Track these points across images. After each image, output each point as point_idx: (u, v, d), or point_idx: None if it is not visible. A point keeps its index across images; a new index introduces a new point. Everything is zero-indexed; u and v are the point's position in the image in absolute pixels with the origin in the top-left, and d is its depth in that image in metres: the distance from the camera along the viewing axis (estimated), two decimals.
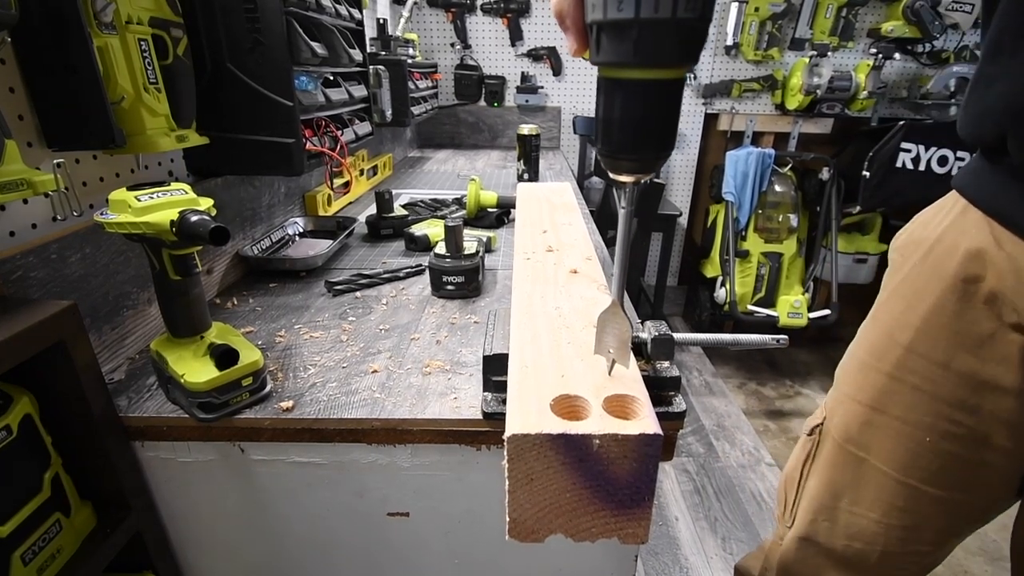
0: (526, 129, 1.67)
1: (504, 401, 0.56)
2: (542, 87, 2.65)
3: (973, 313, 0.54)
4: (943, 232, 0.58)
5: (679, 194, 2.92)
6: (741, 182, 2.40)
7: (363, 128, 1.29)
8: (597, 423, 0.38)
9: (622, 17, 0.30)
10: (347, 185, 1.48)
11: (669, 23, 0.29)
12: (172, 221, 0.53)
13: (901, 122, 2.17)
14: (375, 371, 0.68)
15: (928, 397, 0.57)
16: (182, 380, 0.56)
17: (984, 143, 0.55)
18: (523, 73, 2.63)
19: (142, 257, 0.67)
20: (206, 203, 0.58)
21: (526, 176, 1.71)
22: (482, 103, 2.69)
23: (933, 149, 2.15)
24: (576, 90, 2.71)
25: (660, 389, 0.54)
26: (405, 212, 1.25)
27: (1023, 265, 0.50)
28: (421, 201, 1.48)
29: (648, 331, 0.54)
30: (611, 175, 0.38)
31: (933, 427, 0.57)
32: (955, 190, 0.60)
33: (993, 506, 0.60)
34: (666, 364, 0.55)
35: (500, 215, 1.32)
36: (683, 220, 2.97)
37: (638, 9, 0.29)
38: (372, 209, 1.25)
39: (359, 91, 1.25)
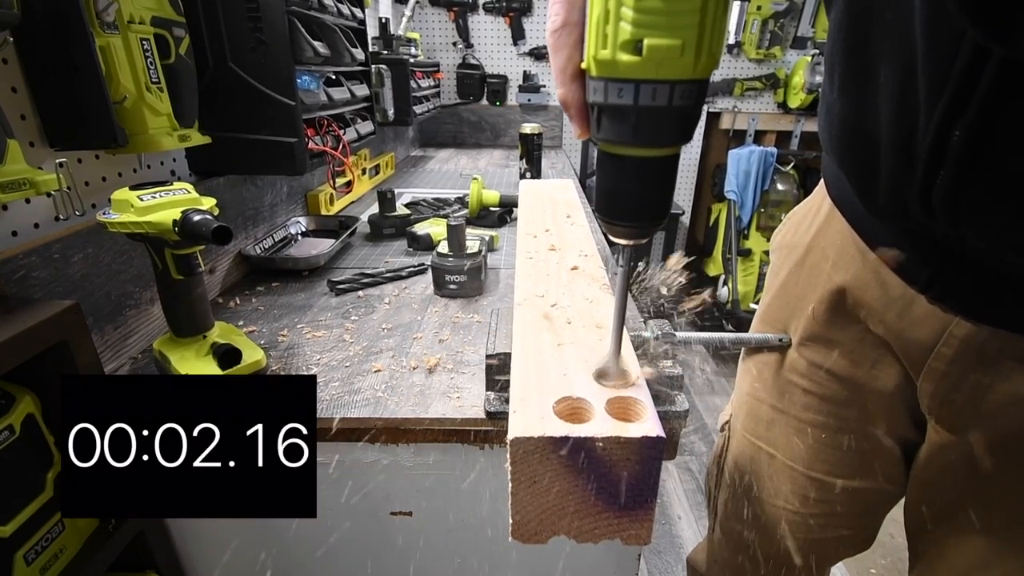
0: (528, 128, 1.66)
1: (507, 400, 0.56)
2: (544, 86, 2.64)
3: (843, 321, 0.56)
4: (813, 239, 0.58)
5: (681, 193, 2.91)
6: (743, 181, 2.40)
7: (365, 127, 1.29)
8: (600, 425, 0.38)
9: (621, 103, 0.31)
10: (349, 184, 1.48)
11: (665, 110, 0.31)
12: (175, 221, 0.53)
13: None
14: (378, 370, 0.67)
15: (817, 398, 0.59)
16: None
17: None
18: (525, 72, 2.62)
19: (145, 257, 0.67)
20: (208, 202, 0.58)
21: (528, 175, 1.71)
22: (484, 102, 2.68)
23: None
24: None
25: (662, 388, 0.54)
26: (407, 211, 1.24)
27: (886, 277, 0.50)
28: (423, 200, 1.47)
29: (651, 330, 0.54)
30: (609, 237, 0.40)
31: (826, 424, 0.59)
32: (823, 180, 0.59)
33: (900, 489, 0.61)
34: (668, 363, 0.55)
35: (502, 214, 1.31)
36: (685, 219, 2.97)
37: (637, 97, 0.31)
38: (374, 208, 1.25)
39: (361, 90, 1.25)
